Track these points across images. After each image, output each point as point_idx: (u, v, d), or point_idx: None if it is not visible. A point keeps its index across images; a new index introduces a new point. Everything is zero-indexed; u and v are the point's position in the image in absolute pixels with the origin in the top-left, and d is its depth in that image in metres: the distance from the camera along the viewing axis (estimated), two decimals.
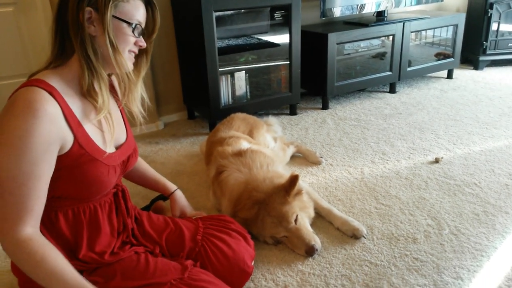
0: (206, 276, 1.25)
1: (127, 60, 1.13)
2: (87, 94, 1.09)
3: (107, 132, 1.17)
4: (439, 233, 1.70)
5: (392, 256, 1.59)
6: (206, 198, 2.04)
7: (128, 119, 1.34)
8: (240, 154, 1.89)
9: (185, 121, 3.09)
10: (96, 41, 1.07)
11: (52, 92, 1.02)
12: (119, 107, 1.30)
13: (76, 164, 1.07)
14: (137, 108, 1.28)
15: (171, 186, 1.63)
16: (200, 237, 1.39)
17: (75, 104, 1.08)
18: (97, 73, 1.08)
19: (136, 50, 1.17)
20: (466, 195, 1.97)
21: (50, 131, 0.99)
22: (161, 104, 3.02)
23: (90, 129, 1.11)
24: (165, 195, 1.63)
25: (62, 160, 1.05)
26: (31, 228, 1.01)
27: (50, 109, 0.99)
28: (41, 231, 1.05)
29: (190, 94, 2.97)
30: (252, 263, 1.45)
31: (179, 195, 1.63)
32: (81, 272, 1.13)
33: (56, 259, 1.02)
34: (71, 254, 1.14)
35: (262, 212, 1.64)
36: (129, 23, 1.10)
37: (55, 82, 1.05)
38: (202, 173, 2.26)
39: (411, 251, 1.61)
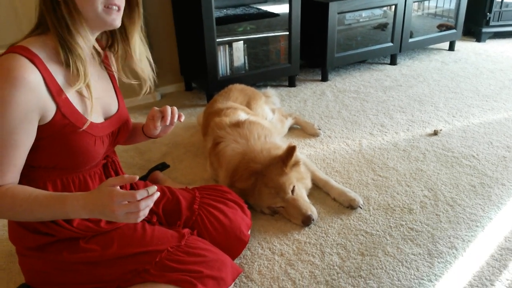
0: (203, 244, 1.26)
1: (104, 13, 1.05)
2: (65, 64, 1.04)
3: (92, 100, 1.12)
4: (435, 204, 1.71)
5: (387, 226, 1.60)
6: (203, 169, 2.04)
7: (127, 89, 1.30)
8: (237, 125, 1.88)
9: (182, 92, 3.06)
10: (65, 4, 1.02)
11: (34, 59, 0.98)
12: (110, 77, 1.27)
13: (60, 134, 1.05)
14: (140, 69, 1.24)
15: None
16: (197, 206, 1.40)
17: (58, 72, 1.04)
18: (68, 46, 1.03)
19: (114, 1, 1.06)
20: (463, 167, 1.97)
21: (28, 100, 0.97)
22: (158, 76, 2.89)
23: (74, 97, 1.08)
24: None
25: (45, 130, 1.03)
26: None
27: (29, 77, 0.96)
28: None
29: (187, 65, 2.93)
30: (249, 232, 1.47)
31: None
32: (77, 239, 1.14)
33: (24, 188, 1.02)
34: (65, 220, 1.13)
35: (259, 183, 1.64)
36: None
37: (38, 49, 1.01)
38: (199, 145, 2.26)
39: (406, 221, 1.62)
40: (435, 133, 2.29)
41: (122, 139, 1.30)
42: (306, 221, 1.60)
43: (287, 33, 2.87)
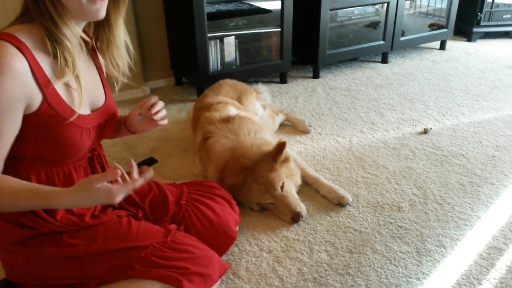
0: (190, 240, 1.24)
1: (89, 4, 1.02)
2: (53, 55, 1.02)
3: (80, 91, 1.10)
4: (424, 202, 1.71)
5: (376, 224, 1.60)
6: (193, 165, 2.01)
7: (111, 83, 1.28)
8: (227, 120, 1.86)
9: (172, 87, 3.03)
10: None
11: (21, 47, 0.96)
12: (98, 69, 1.24)
13: (46, 124, 1.03)
14: (119, 58, 1.21)
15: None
16: (184, 202, 1.38)
17: (45, 62, 1.02)
18: (55, 38, 1.01)
19: None
20: (453, 165, 1.97)
21: (14, 87, 0.94)
22: (148, 69, 2.94)
23: (61, 87, 1.06)
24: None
25: (31, 119, 1.01)
26: None
27: (16, 65, 0.94)
28: None
29: (178, 60, 2.89)
30: (237, 228, 1.45)
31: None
32: (61, 233, 1.12)
33: (9, 180, 1.00)
34: (48, 213, 1.11)
35: (248, 179, 1.62)
36: None
37: (25, 37, 0.99)
38: (189, 140, 2.23)
39: (395, 219, 1.62)
40: (425, 131, 2.29)
41: (109, 132, 1.27)
42: (295, 218, 1.59)
43: (279, 29, 2.85)
